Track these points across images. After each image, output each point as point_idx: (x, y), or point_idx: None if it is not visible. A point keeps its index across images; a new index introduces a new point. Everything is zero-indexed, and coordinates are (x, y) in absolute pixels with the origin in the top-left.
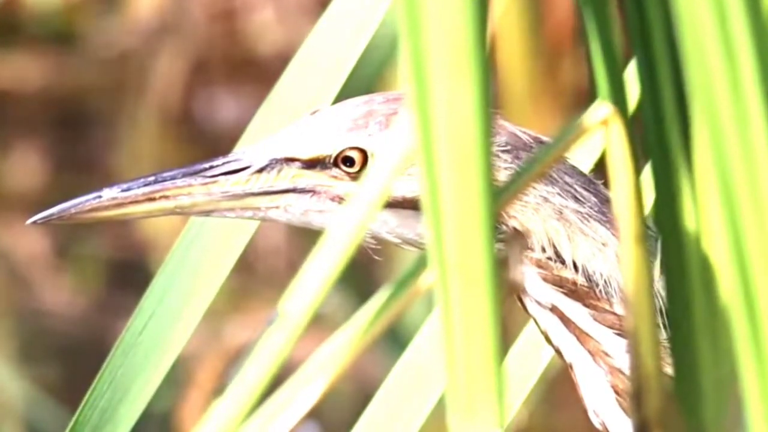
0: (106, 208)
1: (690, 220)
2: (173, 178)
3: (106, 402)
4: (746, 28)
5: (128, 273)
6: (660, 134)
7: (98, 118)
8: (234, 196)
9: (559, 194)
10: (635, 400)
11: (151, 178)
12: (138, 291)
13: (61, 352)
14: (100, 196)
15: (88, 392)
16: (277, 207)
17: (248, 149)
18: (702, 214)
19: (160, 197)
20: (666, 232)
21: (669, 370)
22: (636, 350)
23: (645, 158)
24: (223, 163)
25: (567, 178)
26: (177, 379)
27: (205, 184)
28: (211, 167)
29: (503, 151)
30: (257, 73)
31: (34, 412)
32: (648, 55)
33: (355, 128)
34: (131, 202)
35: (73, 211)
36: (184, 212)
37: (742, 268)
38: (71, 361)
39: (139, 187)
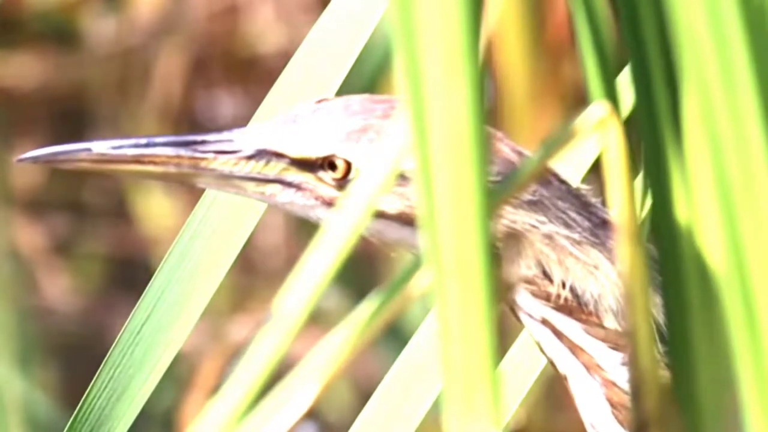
0: (94, 161)
1: (686, 223)
2: (165, 145)
3: (105, 401)
4: (741, 29)
5: (128, 271)
6: (655, 137)
7: (99, 116)
8: (220, 175)
9: (550, 221)
10: (634, 400)
11: (143, 141)
12: (138, 289)
13: (60, 351)
14: (89, 149)
15: (87, 391)
16: (262, 193)
17: (244, 132)
18: (698, 217)
19: (149, 162)
20: (662, 236)
21: (667, 376)
22: (634, 351)
23: (640, 162)
24: (216, 141)
25: (560, 203)
26: (178, 378)
27: (194, 158)
28: (204, 142)
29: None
30: (257, 71)
31: (32, 410)
32: (642, 58)
33: (347, 140)
34: (119, 161)
35: (61, 157)
36: (168, 180)
37: (739, 269)
38: (70, 360)
39: (129, 147)
